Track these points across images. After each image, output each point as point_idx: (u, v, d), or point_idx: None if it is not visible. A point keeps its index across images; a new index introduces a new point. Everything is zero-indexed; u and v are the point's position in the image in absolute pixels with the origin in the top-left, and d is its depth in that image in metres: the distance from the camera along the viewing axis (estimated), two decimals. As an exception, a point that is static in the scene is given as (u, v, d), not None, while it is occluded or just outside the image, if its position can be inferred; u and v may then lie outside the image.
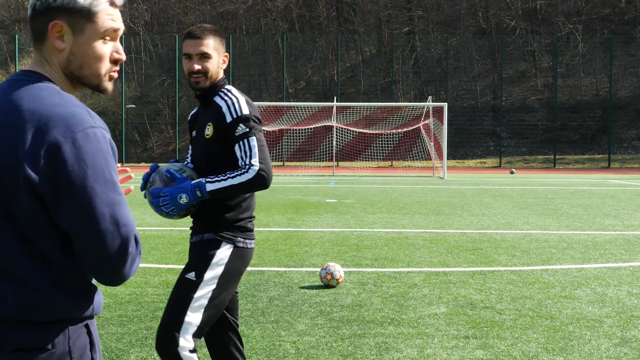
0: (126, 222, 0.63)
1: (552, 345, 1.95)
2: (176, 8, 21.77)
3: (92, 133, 0.63)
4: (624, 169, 15.62)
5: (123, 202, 0.64)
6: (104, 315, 2.25)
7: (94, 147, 0.62)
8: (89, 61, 0.66)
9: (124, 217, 0.63)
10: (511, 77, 19.94)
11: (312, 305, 2.41)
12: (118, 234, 0.62)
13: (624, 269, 3.16)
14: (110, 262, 0.63)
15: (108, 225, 0.62)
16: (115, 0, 0.66)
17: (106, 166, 0.63)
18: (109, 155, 0.64)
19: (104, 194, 0.62)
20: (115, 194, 0.63)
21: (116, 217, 0.63)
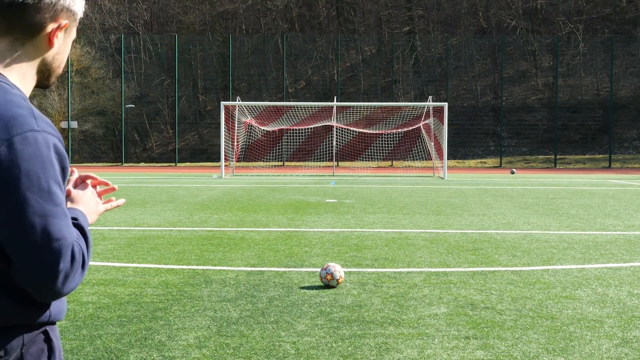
0: (60, 236, 0.58)
1: (553, 345, 1.94)
2: (176, 7, 21.78)
3: (32, 137, 0.58)
4: (625, 169, 15.61)
5: (59, 214, 0.59)
6: (103, 316, 2.24)
7: (32, 152, 0.57)
8: (63, 59, 0.65)
9: (58, 230, 0.58)
10: (512, 77, 19.93)
11: (312, 305, 2.41)
12: (48, 248, 0.58)
13: (625, 269, 3.15)
14: (39, 277, 0.58)
15: (38, 238, 0.57)
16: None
17: (43, 174, 0.58)
18: (49, 163, 0.58)
19: (37, 203, 0.57)
20: (50, 204, 0.58)
21: (48, 229, 0.58)
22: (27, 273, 0.59)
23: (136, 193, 7.59)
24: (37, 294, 0.61)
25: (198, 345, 1.93)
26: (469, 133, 18.61)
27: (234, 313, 2.30)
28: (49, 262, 0.59)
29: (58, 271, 0.59)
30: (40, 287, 0.60)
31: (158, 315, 2.24)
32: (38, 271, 0.59)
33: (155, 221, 4.80)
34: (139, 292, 2.59)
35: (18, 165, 0.57)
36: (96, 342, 1.96)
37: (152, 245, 3.73)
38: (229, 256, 3.42)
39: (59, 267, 0.59)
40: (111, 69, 20.33)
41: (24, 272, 0.59)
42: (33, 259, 0.58)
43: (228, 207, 5.86)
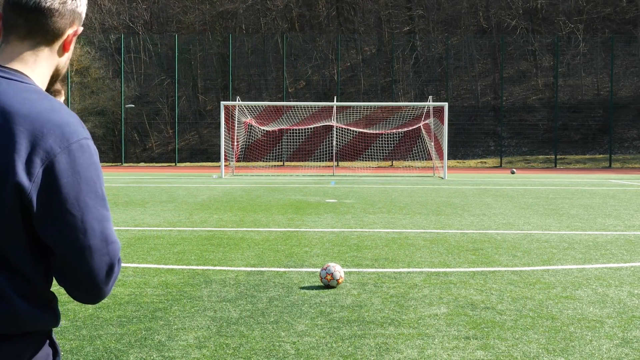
0: (114, 239, 0.62)
1: (553, 345, 1.94)
2: (175, 7, 21.77)
3: (86, 145, 0.61)
4: (625, 169, 15.60)
5: (111, 219, 0.63)
6: (102, 316, 2.24)
7: (88, 159, 0.61)
8: (68, 63, 0.67)
9: (112, 234, 0.62)
10: (512, 77, 19.92)
11: (312, 305, 2.40)
12: (106, 251, 0.61)
13: (625, 269, 3.15)
14: (94, 279, 0.61)
15: (97, 241, 0.60)
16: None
17: (98, 180, 0.61)
18: (100, 170, 0.62)
19: (95, 209, 0.60)
20: (104, 209, 0.62)
21: (106, 233, 0.61)
22: (83, 275, 0.61)
23: (136, 193, 7.58)
24: (85, 296, 0.63)
25: (198, 346, 1.92)
26: (469, 133, 18.60)
27: (233, 313, 2.29)
28: (107, 265, 0.61)
29: (113, 273, 0.62)
30: (93, 289, 0.62)
31: (158, 316, 2.24)
32: (96, 274, 0.61)
33: (155, 221, 4.79)
34: (138, 292, 2.58)
35: (79, 172, 0.59)
36: (96, 342, 1.96)
37: (152, 246, 3.73)
38: (228, 256, 3.42)
39: (115, 269, 0.63)
40: (111, 68, 20.32)
41: (79, 275, 0.60)
42: (92, 262, 0.60)
43: (228, 207, 5.85)
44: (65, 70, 0.67)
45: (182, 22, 21.62)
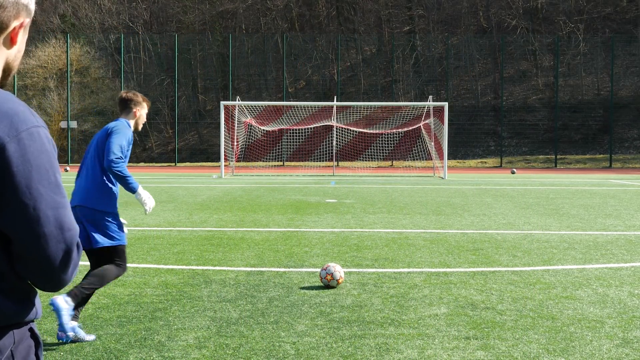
0: (71, 226, 0.61)
1: (554, 346, 1.94)
2: (175, 7, 21.75)
3: (36, 132, 0.60)
4: (626, 169, 15.58)
5: (67, 206, 0.62)
6: (102, 316, 2.24)
7: (39, 147, 0.59)
8: (21, 57, 0.66)
9: (69, 221, 0.61)
10: (512, 77, 19.89)
11: (312, 305, 2.40)
12: (62, 238, 0.60)
13: (626, 269, 3.15)
14: (52, 267, 0.60)
15: (52, 228, 0.59)
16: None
17: (50, 167, 0.60)
18: (53, 157, 0.61)
19: (49, 196, 0.59)
20: (59, 196, 0.60)
21: (61, 220, 0.60)
22: (40, 264, 0.60)
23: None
24: (45, 284, 0.62)
25: (198, 346, 1.92)
26: (469, 133, 18.58)
27: (233, 313, 2.29)
28: (64, 252, 0.61)
29: (70, 260, 0.62)
30: (52, 276, 0.61)
31: (158, 316, 2.24)
32: (52, 261, 0.60)
33: (155, 221, 4.79)
34: (138, 292, 2.58)
35: (29, 160, 0.58)
36: (95, 343, 1.96)
37: (152, 246, 3.72)
38: (228, 256, 3.42)
39: (72, 255, 0.62)
40: (111, 68, 20.32)
41: (37, 263, 0.60)
42: (48, 250, 0.60)
43: (228, 207, 5.85)
44: (18, 64, 0.65)
45: (181, 21, 21.60)
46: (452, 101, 18.11)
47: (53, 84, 18.87)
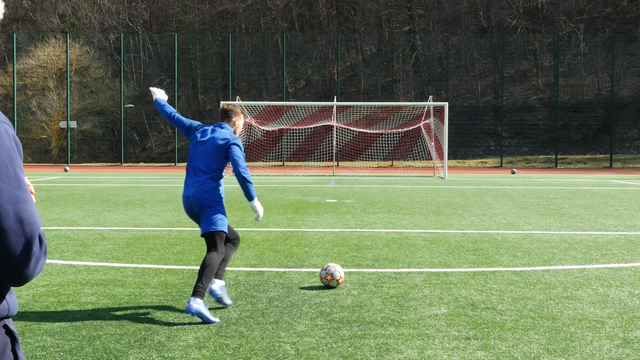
0: (31, 220, 0.61)
1: (554, 346, 1.94)
2: (175, 7, 21.73)
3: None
4: (626, 169, 15.55)
5: (28, 200, 0.61)
6: (102, 316, 2.24)
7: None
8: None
9: (29, 215, 0.61)
10: (512, 77, 19.88)
11: (312, 306, 2.40)
12: (22, 232, 0.60)
13: (626, 269, 3.14)
14: (13, 261, 0.60)
15: (11, 223, 0.59)
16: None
17: (10, 162, 0.60)
18: (13, 152, 0.61)
19: (8, 191, 0.59)
20: (20, 191, 0.60)
21: (20, 215, 0.60)
22: (1, 259, 0.60)
23: (135, 193, 7.57)
24: (8, 279, 0.62)
25: (197, 346, 1.92)
26: (469, 133, 18.57)
27: (233, 313, 2.29)
28: (23, 246, 0.61)
29: (31, 255, 0.61)
30: (14, 271, 0.61)
31: (157, 316, 2.24)
32: (12, 255, 0.60)
33: (155, 221, 4.79)
34: (138, 292, 2.58)
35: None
36: (95, 343, 1.95)
37: (152, 246, 3.72)
38: (228, 256, 3.45)
39: (32, 250, 0.61)
40: (110, 68, 20.30)
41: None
42: (8, 244, 0.60)
43: (228, 207, 5.82)
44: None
45: (181, 21, 21.59)
46: (452, 101, 18.11)
47: (53, 83, 18.78)
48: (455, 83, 19.77)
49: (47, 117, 18.69)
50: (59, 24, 21.17)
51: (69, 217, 4.90)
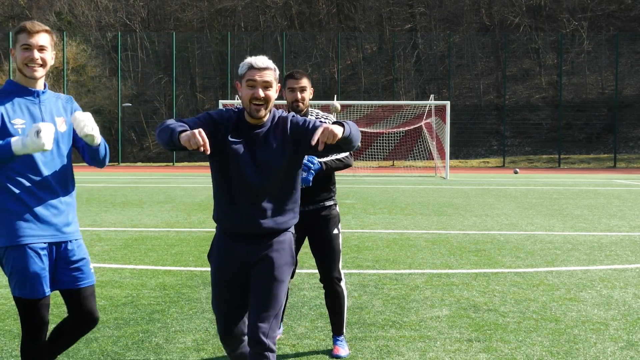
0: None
1: (557, 348, 1.92)
2: (173, 5, 21.69)
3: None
4: (630, 169, 15.49)
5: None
6: (100, 318, 2.22)
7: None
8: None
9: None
10: (515, 75, 19.77)
11: (312, 307, 2.38)
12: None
13: (630, 270, 3.11)
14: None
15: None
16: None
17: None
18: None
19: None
20: None
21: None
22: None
23: (133, 193, 7.56)
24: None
25: (196, 348, 1.90)
26: (471, 132, 18.49)
27: (232, 315, 2.28)
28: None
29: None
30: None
31: (155, 318, 2.22)
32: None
33: (153, 222, 4.77)
34: (135, 294, 2.56)
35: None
36: (92, 345, 1.93)
37: (149, 247, 3.70)
38: (228, 256, 3.42)
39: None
40: (107, 67, 20.26)
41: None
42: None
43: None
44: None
45: (179, 19, 21.56)
46: (454, 100, 18.02)
47: (49, 82, 18.69)
48: (457, 82, 19.68)
49: (47, 116, 18.63)
50: (56, 21, 21.13)
51: (68, 217, 4.90)
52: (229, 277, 1.35)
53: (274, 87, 1.33)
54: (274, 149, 1.32)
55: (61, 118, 1.40)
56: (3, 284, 2.74)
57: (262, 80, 1.31)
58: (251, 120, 1.34)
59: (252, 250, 1.34)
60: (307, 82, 1.84)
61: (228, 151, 1.32)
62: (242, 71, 1.33)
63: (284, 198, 1.34)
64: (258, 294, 1.31)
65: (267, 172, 1.32)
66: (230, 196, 1.33)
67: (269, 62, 1.34)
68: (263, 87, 1.31)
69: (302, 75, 1.83)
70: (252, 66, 1.32)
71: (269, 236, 1.34)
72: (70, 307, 1.40)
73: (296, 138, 1.33)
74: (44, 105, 1.39)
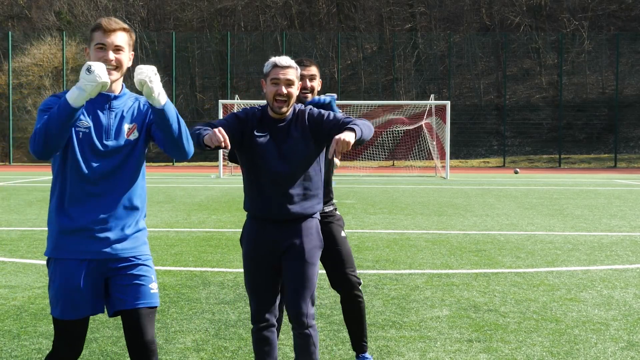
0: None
1: (557, 349, 1.91)
2: (173, 4, 21.66)
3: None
4: (631, 169, 15.50)
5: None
6: (99, 319, 2.21)
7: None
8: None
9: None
10: (515, 75, 19.74)
11: (312, 307, 2.39)
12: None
13: (631, 270, 3.10)
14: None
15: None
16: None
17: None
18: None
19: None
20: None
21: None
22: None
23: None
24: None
25: (196, 349, 1.90)
26: (471, 132, 18.46)
27: (232, 315, 2.26)
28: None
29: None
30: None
31: (155, 318, 2.22)
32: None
33: (152, 222, 4.76)
34: (136, 293, 2.57)
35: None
36: (92, 345, 1.93)
37: (149, 247, 3.72)
38: (227, 257, 3.38)
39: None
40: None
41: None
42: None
43: (226, 207, 5.81)
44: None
45: (179, 19, 21.55)
46: (454, 100, 17.96)
47: (49, 82, 18.85)
48: (457, 81, 19.65)
49: (45, 116, 18.68)
50: (55, 21, 21.11)
51: (68, 217, 4.90)
52: (260, 260, 1.45)
53: (295, 84, 1.46)
54: (296, 140, 1.45)
55: (132, 125, 1.24)
56: (2, 284, 2.74)
57: (285, 78, 1.43)
58: (274, 115, 1.46)
59: (281, 235, 1.45)
60: (316, 70, 1.70)
61: (255, 145, 1.45)
62: (266, 70, 1.46)
63: (308, 184, 1.46)
64: (292, 279, 1.43)
65: (291, 161, 1.44)
66: (259, 185, 1.45)
67: (292, 62, 1.46)
68: (286, 84, 1.43)
69: (311, 63, 1.69)
70: (276, 65, 1.44)
71: (297, 221, 1.45)
72: (124, 331, 1.25)
73: (314, 128, 1.46)
74: (114, 111, 1.25)
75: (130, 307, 1.23)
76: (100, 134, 1.23)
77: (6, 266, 3.12)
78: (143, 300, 1.24)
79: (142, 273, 1.26)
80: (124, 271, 1.25)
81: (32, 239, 3.87)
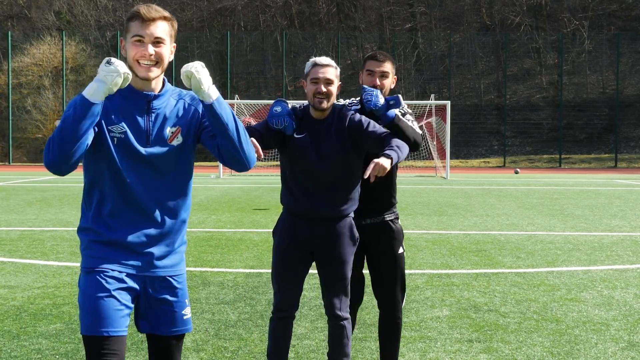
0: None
1: (558, 349, 1.91)
2: (173, 4, 21.64)
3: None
4: (631, 169, 15.48)
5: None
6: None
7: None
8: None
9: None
10: (516, 75, 19.73)
11: (312, 308, 2.38)
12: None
13: (631, 270, 3.10)
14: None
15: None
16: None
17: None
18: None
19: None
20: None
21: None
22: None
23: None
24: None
25: (196, 349, 1.89)
26: (472, 132, 18.46)
27: (232, 316, 2.26)
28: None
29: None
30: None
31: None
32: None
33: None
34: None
35: None
36: None
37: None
38: (227, 258, 3.38)
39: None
40: (107, 66, 20.18)
41: None
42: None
43: (226, 207, 5.82)
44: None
45: (179, 19, 21.43)
46: (454, 100, 17.95)
47: (48, 82, 18.78)
48: (458, 81, 19.65)
49: (43, 116, 18.68)
50: (55, 21, 21.10)
51: (64, 218, 4.84)
52: (290, 254, 1.50)
53: (335, 83, 1.48)
54: (334, 141, 1.47)
55: (175, 129, 1.06)
56: (2, 284, 2.73)
57: (324, 77, 1.46)
58: (315, 114, 1.49)
59: (314, 233, 1.48)
60: (390, 67, 1.48)
61: (295, 145, 1.48)
62: (307, 70, 1.51)
63: (345, 186, 1.47)
64: (327, 276, 1.49)
65: (329, 161, 1.46)
66: (297, 183, 1.48)
67: (331, 61, 1.50)
68: (325, 83, 1.46)
69: (386, 58, 1.48)
70: (315, 64, 1.49)
71: (331, 221, 1.47)
72: (149, 351, 1.16)
73: (352, 133, 1.47)
74: (154, 113, 1.07)
75: (162, 334, 1.14)
76: (139, 139, 1.06)
77: (5, 266, 3.11)
78: (176, 328, 1.14)
79: (178, 298, 1.14)
80: (160, 294, 1.12)
81: (31, 239, 3.87)
